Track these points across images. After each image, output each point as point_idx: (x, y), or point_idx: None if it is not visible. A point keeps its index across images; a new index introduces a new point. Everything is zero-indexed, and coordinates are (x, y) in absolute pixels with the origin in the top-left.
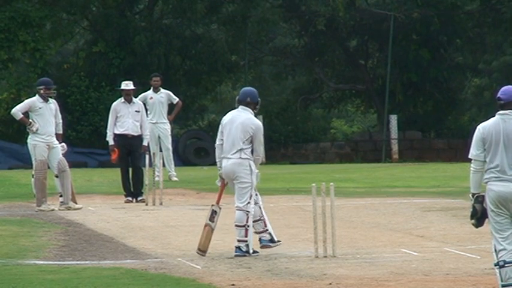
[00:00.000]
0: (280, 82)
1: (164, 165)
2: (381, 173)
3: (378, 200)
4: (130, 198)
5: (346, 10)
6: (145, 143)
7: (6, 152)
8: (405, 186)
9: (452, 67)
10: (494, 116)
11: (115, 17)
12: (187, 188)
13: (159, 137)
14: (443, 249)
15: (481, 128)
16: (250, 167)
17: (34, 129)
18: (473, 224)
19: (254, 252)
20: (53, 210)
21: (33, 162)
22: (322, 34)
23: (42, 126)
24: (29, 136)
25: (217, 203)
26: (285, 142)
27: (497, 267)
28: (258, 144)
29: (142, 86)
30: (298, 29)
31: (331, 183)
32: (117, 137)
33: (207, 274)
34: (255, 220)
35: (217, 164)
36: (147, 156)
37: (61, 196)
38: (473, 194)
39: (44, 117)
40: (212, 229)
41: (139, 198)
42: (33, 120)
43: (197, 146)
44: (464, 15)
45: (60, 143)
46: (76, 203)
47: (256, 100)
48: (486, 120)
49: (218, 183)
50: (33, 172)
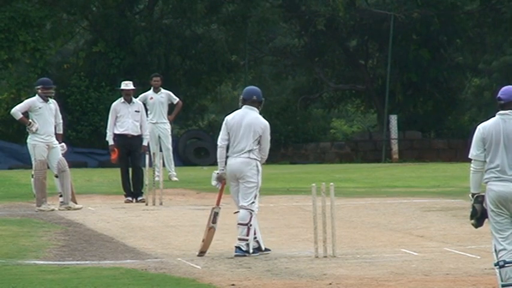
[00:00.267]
0: (280, 82)
1: (164, 165)
2: (381, 173)
3: (378, 200)
4: (130, 198)
5: (346, 10)
6: (145, 143)
7: (6, 152)
8: (405, 186)
9: (452, 67)
10: (494, 116)
11: (115, 17)
12: (187, 188)
13: (159, 137)
14: (443, 249)
15: (481, 128)
16: (257, 167)
17: (34, 129)
18: (473, 224)
19: (254, 251)
20: (53, 210)
21: (32, 162)
22: (322, 34)
23: (41, 126)
24: (29, 136)
25: (217, 204)
26: (285, 142)
27: (497, 267)
28: (266, 143)
29: (142, 86)
30: (298, 29)
31: (331, 183)
32: (117, 137)
33: (207, 274)
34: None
35: (218, 164)
36: (147, 156)
37: (61, 196)
38: (473, 194)
39: (44, 117)
40: (215, 230)
41: (139, 198)
42: (32, 120)
43: (197, 146)
44: (464, 15)
45: (60, 143)
46: (76, 203)
47: (260, 99)
48: (486, 120)
49: (216, 185)
50: (32, 172)
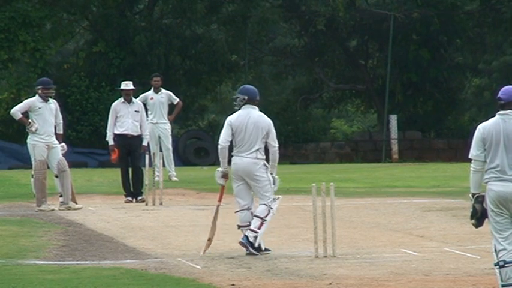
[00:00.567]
0: (280, 82)
1: (164, 165)
2: (381, 173)
3: (378, 200)
4: (130, 198)
5: (346, 10)
6: (145, 143)
7: (6, 152)
8: (405, 186)
9: (452, 67)
10: (494, 116)
11: (115, 17)
12: (187, 188)
13: (160, 137)
14: (443, 249)
15: (481, 128)
16: (265, 165)
17: (33, 129)
18: (473, 224)
19: (259, 249)
20: (53, 210)
21: (32, 162)
22: (322, 34)
23: (41, 126)
24: (29, 136)
25: (219, 201)
26: (285, 142)
27: (497, 267)
28: (273, 138)
29: (142, 86)
30: (298, 29)
31: (331, 183)
32: (116, 137)
33: (207, 274)
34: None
35: (221, 163)
36: (147, 156)
37: (61, 196)
38: (473, 194)
39: (44, 117)
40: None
41: (139, 197)
42: (32, 120)
43: (197, 146)
44: (464, 15)
45: (60, 143)
46: (76, 203)
47: (258, 98)
48: (486, 120)
49: (222, 182)
50: (32, 172)
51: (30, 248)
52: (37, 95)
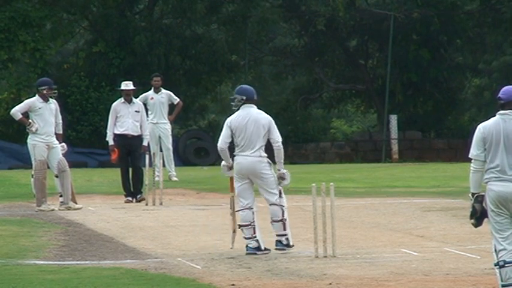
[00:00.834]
0: (280, 82)
1: (164, 165)
2: (381, 173)
3: (378, 200)
4: (130, 198)
5: (346, 10)
6: (145, 143)
7: (6, 152)
8: (405, 186)
9: (452, 67)
10: (494, 116)
11: (115, 17)
12: (187, 188)
13: (160, 137)
14: (443, 249)
15: (482, 128)
16: (268, 163)
17: (33, 129)
18: (472, 224)
19: (254, 251)
20: (53, 210)
21: (32, 162)
22: (322, 34)
23: (41, 126)
24: (29, 136)
25: (232, 191)
26: (285, 142)
27: (497, 267)
28: (276, 133)
29: (142, 86)
30: (298, 29)
31: (331, 183)
32: (117, 137)
33: (207, 274)
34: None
35: (225, 161)
36: (147, 156)
37: (61, 196)
38: (472, 194)
39: (44, 117)
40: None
41: (138, 196)
42: (32, 120)
43: (197, 146)
44: (464, 15)
45: (60, 143)
46: (76, 203)
47: (256, 97)
48: (486, 120)
49: (229, 174)
50: (32, 172)
51: (30, 248)
52: (37, 95)
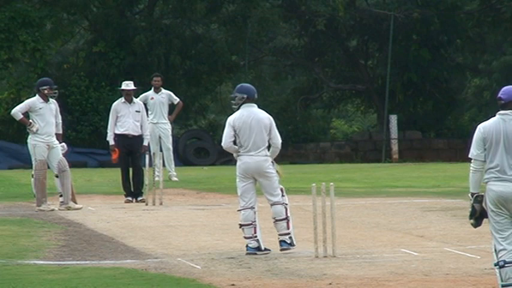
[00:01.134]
0: (280, 82)
1: (164, 165)
2: (381, 173)
3: (378, 200)
4: (130, 198)
5: (346, 10)
6: (145, 143)
7: (6, 152)
8: (405, 186)
9: (452, 67)
10: (494, 116)
11: (115, 17)
12: (187, 188)
13: (160, 137)
14: (443, 249)
15: (482, 128)
16: (272, 162)
17: (34, 129)
18: (472, 224)
19: (254, 251)
20: (53, 210)
21: (33, 162)
22: (322, 34)
23: (42, 126)
24: (29, 136)
25: None
26: (285, 142)
27: (497, 267)
28: (275, 134)
29: (142, 86)
30: (298, 29)
31: (331, 183)
32: (117, 137)
33: (207, 274)
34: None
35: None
36: (147, 156)
37: (61, 196)
38: (472, 194)
39: (44, 117)
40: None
41: (139, 198)
42: (33, 120)
43: (197, 146)
44: (464, 15)
45: (60, 143)
46: (76, 203)
47: (256, 95)
48: (486, 120)
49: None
50: (32, 172)
51: (30, 248)
52: (37, 95)
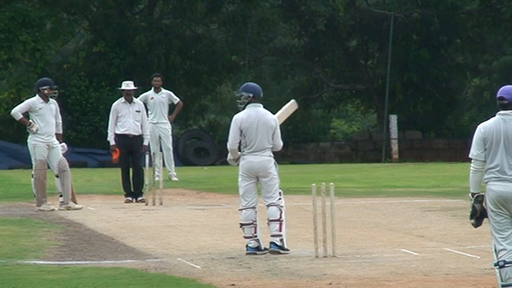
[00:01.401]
0: (280, 82)
1: (164, 165)
2: (381, 173)
3: (378, 200)
4: (130, 198)
5: (346, 10)
6: (145, 143)
7: (6, 152)
8: (405, 186)
9: (452, 67)
10: (494, 116)
11: (115, 17)
12: (187, 188)
13: (160, 137)
14: (443, 249)
15: (482, 128)
16: (275, 163)
17: (34, 129)
18: (472, 224)
19: (254, 251)
20: (53, 210)
21: (33, 162)
22: (322, 34)
23: (42, 126)
24: (29, 136)
25: None
26: (285, 142)
27: (497, 267)
28: (278, 137)
29: (142, 86)
30: (298, 29)
31: (331, 183)
32: (118, 137)
33: (207, 274)
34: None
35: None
36: (147, 156)
37: (61, 196)
38: (472, 194)
39: (44, 117)
40: None
41: (139, 198)
42: (33, 120)
43: (197, 146)
44: (464, 15)
45: (60, 143)
46: (76, 203)
47: (262, 95)
48: (486, 120)
49: (235, 163)
50: (32, 172)
51: (30, 248)
52: (37, 95)
